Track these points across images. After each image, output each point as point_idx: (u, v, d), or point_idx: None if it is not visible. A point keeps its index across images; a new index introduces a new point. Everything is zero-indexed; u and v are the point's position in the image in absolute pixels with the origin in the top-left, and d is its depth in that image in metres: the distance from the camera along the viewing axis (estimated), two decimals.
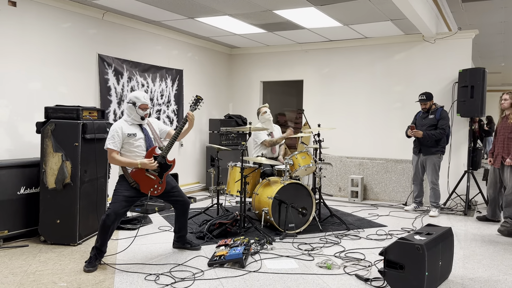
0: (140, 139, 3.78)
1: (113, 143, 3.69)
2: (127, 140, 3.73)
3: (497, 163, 5.26)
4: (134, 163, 3.69)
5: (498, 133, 5.35)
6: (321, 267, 3.72)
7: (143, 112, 3.79)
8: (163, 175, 3.80)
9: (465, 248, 4.40)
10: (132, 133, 3.75)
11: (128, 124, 3.80)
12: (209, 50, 7.93)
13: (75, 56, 5.44)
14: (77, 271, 3.54)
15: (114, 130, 3.72)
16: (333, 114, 7.50)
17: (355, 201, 6.89)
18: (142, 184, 3.75)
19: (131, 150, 3.75)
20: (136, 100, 3.77)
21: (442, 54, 6.61)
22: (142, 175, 3.73)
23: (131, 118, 3.81)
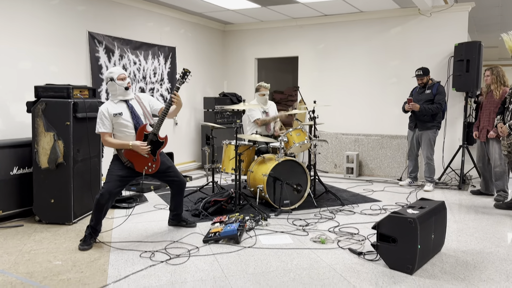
0: (127, 117, 3.71)
1: (103, 126, 3.66)
2: (115, 120, 3.68)
3: (482, 137, 5.30)
4: (126, 144, 3.65)
5: (483, 108, 5.38)
6: (315, 242, 3.75)
7: (124, 82, 3.72)
8: (156, 153, 3.78)
9: (459, 221, 4.44)
10: (118, 112, 3.69)
11: (114, 103, 3.74)
12: (202, 26, 7.80)
13: (64, 34, 5.33)
14: (72, 250, 3.55)
15: (100, 113, 3.68)
16: (328, 90, 7.45)
17: (350, 177, 6.91)
18: (136, 163, 3.72)
19: (120, 130, 3.71)
20: (112, 74, 3.72)
21: (438, 27, 6.53)
22: (135, 154, 3.70)
23: (115, 95, 3.75)
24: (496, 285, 2.91)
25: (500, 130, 4.59)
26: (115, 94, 3.75)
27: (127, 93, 3.76)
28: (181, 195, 4.10)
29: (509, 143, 4.54)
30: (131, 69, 6.26)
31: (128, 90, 3.76)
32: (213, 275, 3.07)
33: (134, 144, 3.65)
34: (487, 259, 3.39)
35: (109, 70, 3.79)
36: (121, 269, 3.16)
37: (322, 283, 2.94)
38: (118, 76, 3.71)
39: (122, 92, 3.74)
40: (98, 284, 2.90)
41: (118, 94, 3.74)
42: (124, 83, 3.72)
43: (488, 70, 5.29)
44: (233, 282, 2.95)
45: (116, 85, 3.71)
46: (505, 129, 4.48)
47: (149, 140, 3.73)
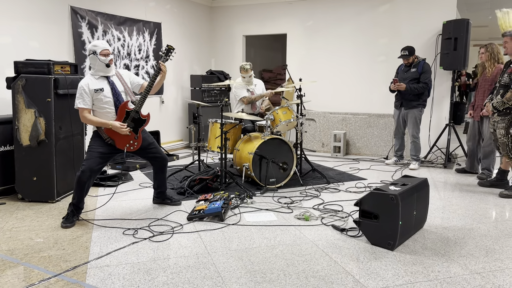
0: (108, 94, 3.63)
1: (82, 102, 3.56)
2: (96, 96, 3.59)
3: (477, 115, 5.30)
4: (106, 123, 3.58)
5: (479, 86, 5.35)
6: (299, 219, 3.76)
7: (106, 58, 3.61)
8: (138, 130, 3.72)
9: (443, 199, 4.48)
10: (99, 88, 3.59)
11: (95, 78, 3.63)
12: (188, 2, 7.63)
13: (46, 8, 5.17)
14: (55, 228, 3.53)
15: (81, 88, 3.57)
16: (317, 68, 7.38)
17: (337, 156, 6.93)
18: (118, 140, 3.66)
19: (101, 106, 3.62)
20: (95, 48, 3.60)
21: (427, 5, 6.46)
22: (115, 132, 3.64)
23: (96, 70, 3.64)
24: (476, 260, 2.95)
25: (486, 109, 4.60)
26: (95, 69, 3.65)
27: (108, 70, 3.66)
28: (164, 172, 4.07)
29: (494, 121, 4.55)
30: (115, 45, 6.12)
31: (109, 67, 3.65)
32: (196, 251, 3.07)
33: (113, 124, 3.58)
34: (468, 235, 3.43)
35: (93, 42, 3.67)
36: (103, 246, 3.14)
37: (304, 258, 2.95)
38: (101, 51, 3.60)
39: (103, 68, 3.63)
40: (79, 261, 2.89)
41: (98, 70, 3.64)
42: (106, 60, 3.61)
43: (483, 47, 5.24)
44: (215, 258, 2.96)
45: (98, 60, 3.60)
46: (489, 108, 4.50)
47: (131, 117, 3.66)
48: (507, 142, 4.43)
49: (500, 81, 4.50)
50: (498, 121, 4.47)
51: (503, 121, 4.43)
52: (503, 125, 4.43)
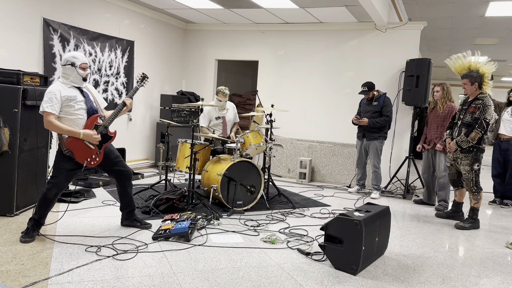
0: (81, 102, 3.56)
1: (50, 107, 3.41)
2: (67, 103, 3.49)
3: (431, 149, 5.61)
4: (76, 132, 3.47)
5: (430, 122, 5.71)
6: (265, 242, 3.80)
7: (84, 72, 3.58)
8: (102, 146, 3.65)
9: (402, 228, 4.66)
10: (72, 95, 3.52)
11: (67, 86, 3.55)
12: (163, 23, 7.71)
13: (17, 18, 5.09)
14: (13, 242, 3.39)
15: (51, 92, 3.45)
16: (286, 96, 7.58)
17: (302, 182, 7.06)
18: (78, 153, 3.52)
19: (72, 113, 3.51)
20: (75, 60, 3.55)
21: (392, 43, 6.84)
22: (80, 143, 3.52)
23: (70, 80, 3.57)
24: (433, 287, 3.08)
25: (448, 145, 4.85)
26: (70, 80, 3.57)
27: (83, 83, 3.64)
28: (130, 187, 3.94)
29: (455, 157, 4.79)
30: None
31: (85, 81, 3.64)
32: (161, 271, 3.03)
33: (85, 133, 3.49)
34: (426, 263, 3.58)
35: (72, 54, 3.60)
36: (64, 263, 3.05)
37: (269, 281, 2.98)
38: (81, 64, 3.57)
39: (78, 81, 3.59)
40: (39, 277, 2.79)
41: (72, 81, 3.58)
42: (84, 73, 3.59)
43: (439, 86, 5.62)
44: (181, 278, 2.93)
45: (76, 71, 3.55)
46: (452, 145, 4.74)
47: (98, 131, 3.60)
48: (471, 177, 4.68)
49: (462, 119, 4.75)
50: (461, 157, 4.70)
51: (467, 158, 4.67)
52: (467, 161, 4.67)
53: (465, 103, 4.82)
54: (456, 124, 4.82)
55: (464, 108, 4.77)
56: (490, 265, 3.63)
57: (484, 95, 4.65)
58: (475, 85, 4.66)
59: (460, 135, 4.67)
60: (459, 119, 4.79)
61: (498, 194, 6.23)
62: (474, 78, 4.66)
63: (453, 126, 4.89)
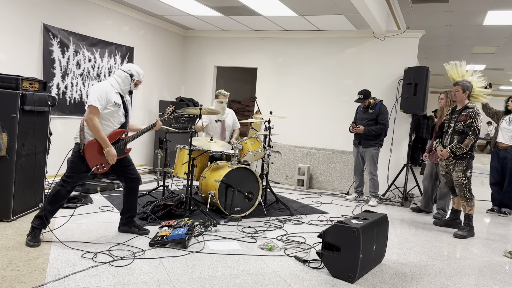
0: (121, 112, 3.68)
1: (99, 102, 3.46)
2: (110, 107, 3.56)
3: (435, 158, 5.61)
4: (106, 143, 3.53)
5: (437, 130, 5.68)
6: (262, 249, 3.79)
7: (135, 88, 3.76)
8: None
9: (400, 235, 4.65)
10: (118, 102, 3.63)
11: (114, 91, 3.63)
12: (162, 29, 7.74)
13: (17, 24, 5.11)
14: (9, 247, 3.37)
15: (102, 90, 3.50)
16: (285, 103, 7.60)
17: (300, 189, 7.06)
18: (92, 157, 3.55)
19: (108, 118, 3.59)
20: (136, 74, 3.72)
21: (390, 51, 6.88)
22: (98, 149, 3.57)
23: (120, 87, 3.67)
24: None
25: (440, 153, 4.89)
26: (120, 86, 3.67)
27: (127, 95, 3.79)
28: (136, 194, 3.97)
29: (447, 164, 4.84)
30: (85, 66, 6.08)
31: (130, 94, 3.81)
32: (157, 278, 3.02)
33: (110, 151, 3.56)
34: (424, 271, 3.57)
35: (137, 69, 3.77)
36: (60, 269, 3.03)
37: None
38: (137, 80, 3.74)
39: (125, 91, 3.73)
40: (35, 283, 2.77)
41: (122, 89, 3.69)
42: (135, 88, 3.77)
43: (443, 93, 5.69)
44: (178, 285, 2.92)
45: (130, 83, 3.70)
46: (445, 153, 4.77)
47: (118, 145, 3.68)
48: (465, 183, 4.71)
49: (453, 127, 4.81)
50: (455, 164, 4.75)
51: (460, 164, 4.72)
52: (460, 168, 4.72)
53: (453, 112, 4.91)
54: (447, 132, 4.89)
55: (454, 117, 4.86)
56: (488, 274, 3.63)
57: (473, 103, 4.81)
58: (466, 93, 4.80)
59: (454, 142, 4.72)
60: (449, 127, 4.85)
61: (496, 202, 6.23)
62: (466, 87, 4.81)
63: (443, 134, 4.96)
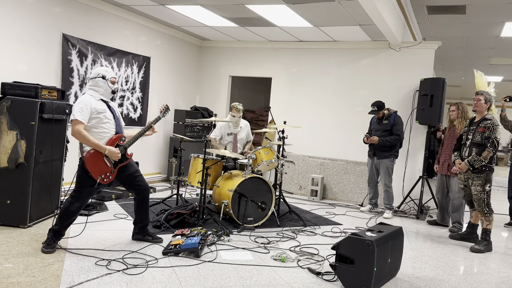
0: (109, 117, 3.67)
1: (81, 115, 3.48)
2: (96, 115, 3.57)
3: (444, 170, 5.54)
4: (102, 147, 3.54)
5: (445, 142, 5.65)
6: (275, 260, 3.77)
7: (113, 86, 3.73)
8: (117, 165, 3.71)
9: (415, 249, 4.58)
10: (102, 108, 3.62)
11: (95, 99, 3.64)
12: (179, 40, 7.84)
13: (38, 34, 5.24)
14: (25, 253, 3.42)
15: (82, 102, 3.54)
16: (299, 113, 7.60)
17: (314, 199, 7.01)
18: (94, 168, 3.55)
19: (99, 126, 3.60)
20: (106, 73, 3.70)
21: (406, 62, 6.84)
22: (98, 159, 3.57)
23: (100, 93, 3.68)
24: None
25: (458, 166, 4.80)
26: (98, 92, 3.68)
27: (111, 95, 3.76)
28: (147, 203, 3.99)
29: (466, 177, 4.74)
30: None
31: (114, 94, 3.77)
32: (170, 287, 3.02)
33: (110, 149, 3.57)
34: (439, 286, 3.50)
35: (104, 68, 3.76)
36: (75, 276, 3.06)
37: None
38: (111, 78, 3.71)
39: (106, 94, 3.71)
40: None
41: (102, 94, 3.69)
42: (113, 86, 3.73)
43: (454, 105, 5.59)
44: None
45: (106, 84, 3.68)
46: (464, 166, 4.69)
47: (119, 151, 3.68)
48: (483, 198, 4.61)
49: (471, 139, 4.72)
50: (473, 177, 4.65)
51: (479, 178, 4.62)
52: (479, 182, 4.61)
53: (471, 124, 4.81)
54: (465, 145, 4.79)
55: (472, 129, 4.76)
56: None
57: (491, 115, 4.71)
58: (487, 105, 4.72)
59: (472, 155, 4.63)
60: (467, 139, 4.76)
61: None
62: (488, 98, 4.72)
63: (461, 147, 4.86)
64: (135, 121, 6.90)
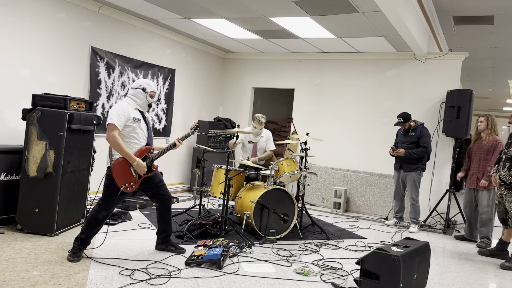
0: (143, 127, 3.75)
1: (118, 120, 3.55)
2: (131, 123, 3.64)
3: (472, 183, 5.38)
4: (132, 157, 3.60)
5: (473, 154, 5.48)
6: (298, 274, 3.73)
7: (151, 99, 3.81)
8: (141, 177, 3.75)
9: (442, 264, 4.45)
10: (138, 117, 3.70)
11: (132, 108, 3.72)
12: (203, 52, 7.95)
13: (67, 47, 5.41)
14: (52, 261, 3.49)
15: (120, 108, 3.61)
16: (322, 124, 7.56)
17: (337, 212, 6.93)
18: (119, 176, 3.60)
19: (131, 135, 3.67)
20: (147, 86, 3.78)
21: (431, 73, 6.73)
22: (125, 167, 3.63)
23: (138, 104, 3.76)
24: None
25: (493, 181, 4.66)
26: (136, 102, 3.76)
27: (147, 108, 3.85)
28: (170, 213, 4.03)
29: (501, 193, 4.59)
30: (130, 87, 6.31)
31: (150, 107, 3.86)
32: None
33: (139, 162, 3.62)
34: None
35: (146, 81, 3.85)
36: (99, 285, 3.10)
37: None
38: (151, 91, 3.80)
39: (144, 106, 3.81)
40: None
41: (139, 104, 3.78)
42: (151, 100, 3.82)
43: (483, 117, 5.42)
44: None
45: (145, 97, 3.77)
46: (496, 180, 4.55)
47: (145, 163, 3.73)
48: None
49: (506, 153, 4.58)
50: (506, 194, 4.50)
51: (511, 194, 4.47)
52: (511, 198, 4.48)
53: (510, 137, 4.65)
54: (501, 159, 4.64)
55: (509, 142, 4.60)
56: None
57: None
58: None
59: (503, 170, 4.48)
60: (504, 153, 4.62)
61: None
62: None
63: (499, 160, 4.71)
64: (159, 132, 7.00)
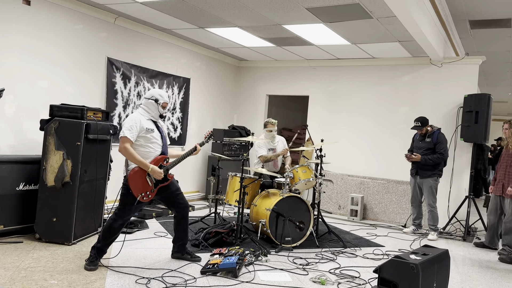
0: (157, 136, 3.79)
1: (130, 132, 3.61)
2: (144, 134, 3.69)
3: (498, 190, 5.23)
4: (146, 164, 3.64)
5: (501, 161, 5.33)
6: (314, 282, 3.68)
7: (163, 110, 3.86)
8: (157, 185, 3.77)
9: (462, 273, 4.35)
10: (151, 128, 3.75)
11: (145, 118, 3.77)
12: (217, 61, 8.01)
13: (84, 58, 5.51)
14: (69, 270, 3.52)
15: (132, 120, 3.67)
16: (337, 131, 7.51)
17: (354, 219, 6.84)
18: (136, 185, 3.64)
19: (146, 145, 3.71)
20: (160, 97, 3.82)
21: (448, 78, 6.64)
22: (141, 177, 3.67)
23: (150, 114, 3.81)
24: None
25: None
26: (148, 113, 3.82)
27: (159, 119, 3.91)
28: (187, 221, 4.04)
29: None
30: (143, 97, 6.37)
31: (162, 118, 3.91)
32: None
33: (153, 168, 3.65)
34: None
35: (158, 91, 3.89)
36: None
37: None
38: (163, 102, 3.84)
39: (156, 116, 3.85)
40: None
41: (151, 115, 3.83)
42: (162, 111, 3.87)
43: (507, 123, 5.27)
44: None
45: (157, 108, 3.82)
46: None
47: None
48: None
49: None
50: None
51: None
52: None
53: None
54: None
55: None
56: None
57: None
58: None
59: None
60: None
61: None
62: None
63: None
64: (175, 140, 7.05)
